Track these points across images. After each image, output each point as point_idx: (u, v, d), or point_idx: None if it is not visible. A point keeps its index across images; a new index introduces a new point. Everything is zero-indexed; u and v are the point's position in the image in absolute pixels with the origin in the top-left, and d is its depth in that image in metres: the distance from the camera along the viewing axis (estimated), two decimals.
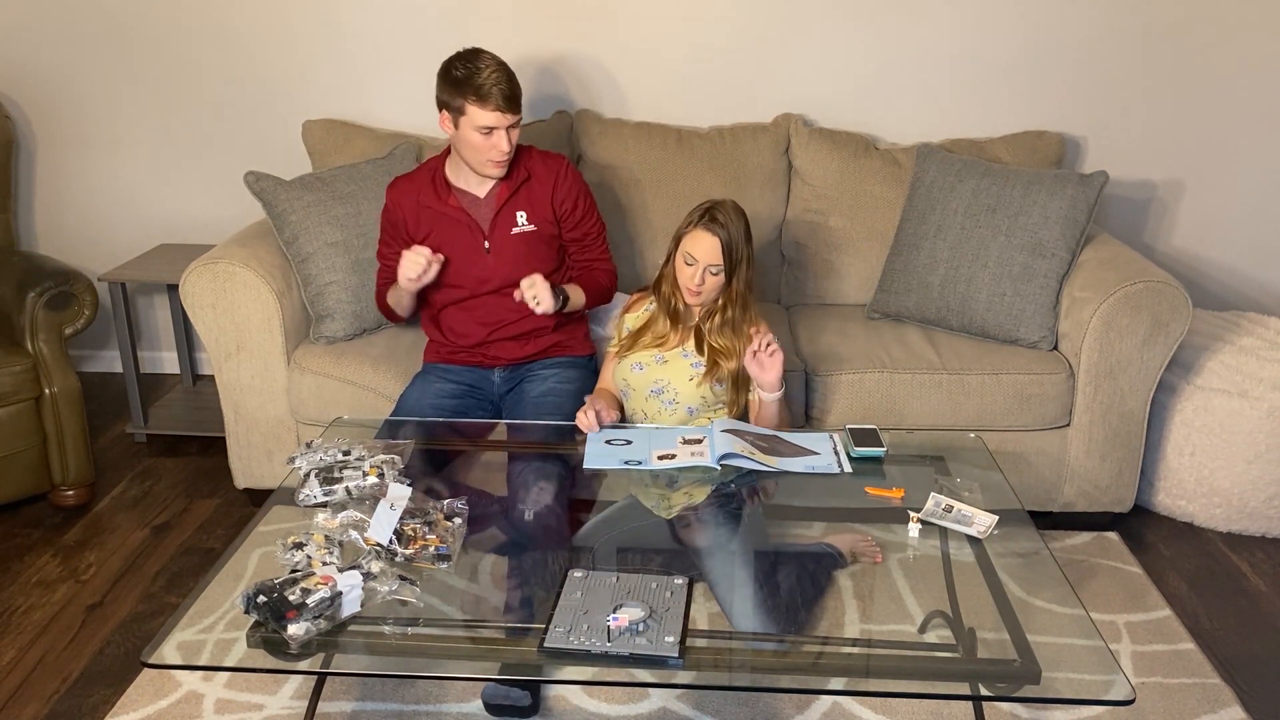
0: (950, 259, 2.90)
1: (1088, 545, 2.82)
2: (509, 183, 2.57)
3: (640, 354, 2.50)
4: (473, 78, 2.39)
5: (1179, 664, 2.35)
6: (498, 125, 2.42)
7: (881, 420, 2.73)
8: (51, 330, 2.89)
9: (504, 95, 2.40)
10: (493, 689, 2.15)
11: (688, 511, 2.23)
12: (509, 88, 2.41)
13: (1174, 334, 2.69)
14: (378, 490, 2.04)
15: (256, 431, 2.86)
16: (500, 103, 2.39)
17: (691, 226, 2.41)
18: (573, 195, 2.64)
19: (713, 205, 2.41)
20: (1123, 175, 3.39)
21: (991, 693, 1.79)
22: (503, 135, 2.44)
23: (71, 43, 3.47)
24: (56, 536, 2.87)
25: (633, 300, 2.62)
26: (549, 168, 2.63)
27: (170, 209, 3.64)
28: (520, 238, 2.59)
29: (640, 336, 2.52)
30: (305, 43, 3.42)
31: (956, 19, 3.28)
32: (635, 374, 2.49)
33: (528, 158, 2.62)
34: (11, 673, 2.34)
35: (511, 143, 2.46)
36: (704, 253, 2.38)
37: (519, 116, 2.46)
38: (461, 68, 2.41)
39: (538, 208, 2.60)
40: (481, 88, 2.38)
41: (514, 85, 2.43)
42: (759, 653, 1.88)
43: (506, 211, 2.57)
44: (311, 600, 1.71)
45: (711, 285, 2.41)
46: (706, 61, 3.37)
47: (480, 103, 2.39)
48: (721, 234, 2.37)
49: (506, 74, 2.42)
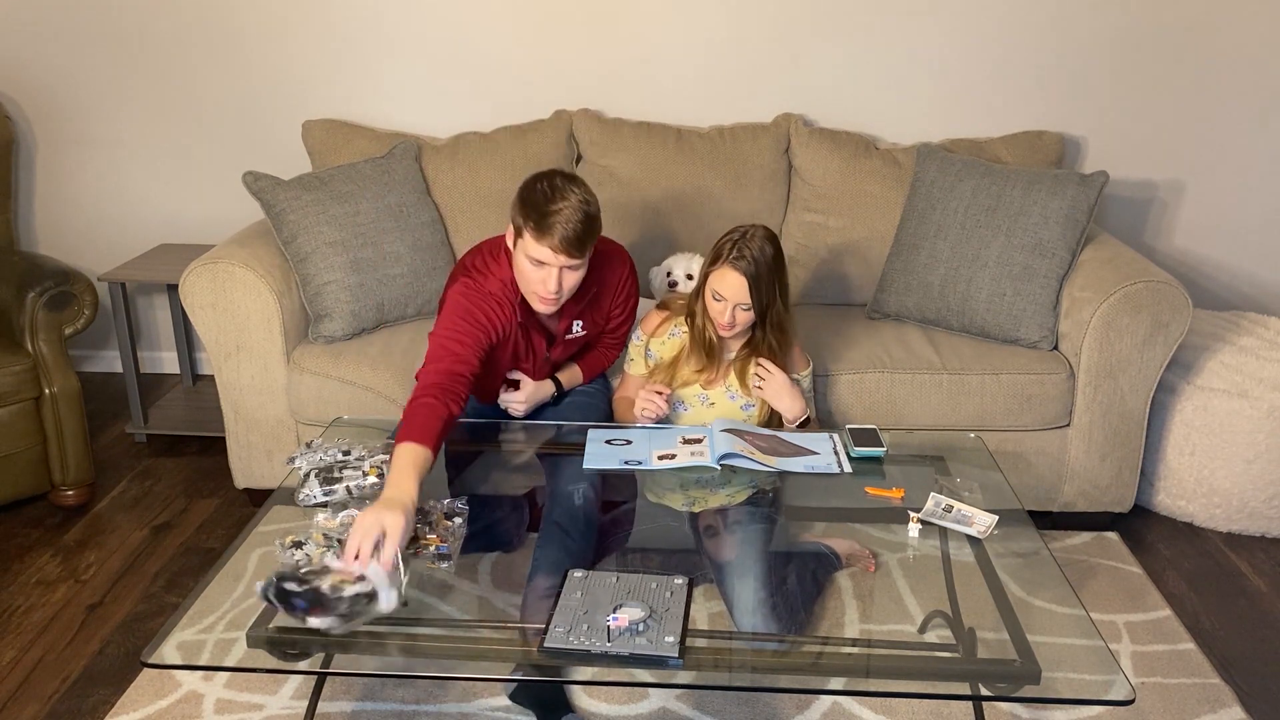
0: (950, 259, 2.90)
1: (1088, 545, 2.82)
2: (578, 298, 2.40)
3: (683, 392, 2.48)
4: (544, 205, 2.17)
5: (1179, 664, 2.35)
6: (550, 263, 2.21)
7: (881, 420, 2.73)
8: (51, 330, 2.89)
9: (565, 237, 2.16)
10: (537, 686, 2.14)
11: (710, 513, 2.23)
12: (578, 231, 2.17)
13: (1174, 334, 2.69)
14: (378, 490, 2.03)
15: (256, 431, 2.86)
16: (558, 242, 2.17)
17: (719, 263, 2.33)
18: (626, 304, 2.54)
19: (741, 237, 2.32)
20: (1123, 175, 3.39)
21: (991, 693, 1.79)
22: (553, 274, 2.22)
23: (71, 43, 3.47)
24: (56, 536, 2.87)
25: (655, 324, 2.54)
26: (614, 277, 2.49)
27: (170, 209, 3.64)
28: (575, 341, 2.53)
29: (676, 368, 2.48)
30: (305, 43, 3.42)
31: (957, 19, 3.28)
32: (682, 414, 2.49)
33: (595, 266, 2.39)
34: (11, 673, 2.34)
35: (562, 285, 2.24)
36: (731, 291, 2.32)
37: (579, 261, 2.23)
38: (541, 190, 2.20)
39: (596, 317, 2.52)
40: (546, 218, 2.17)
41: (588, 230, 2.20)
42: (759, 653, 1.88)
43: (568, 321, 2.48)
44: (347, 593, 1.68)
45: (744, 320, 2.37)
46: (706, 61, 3.37)
47: (539, 234, 2.18)
48: (749, 270, 2.29)
49: (584, 215, 2.18)
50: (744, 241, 2.32)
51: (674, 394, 2.48)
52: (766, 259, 2.31)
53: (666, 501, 2.26)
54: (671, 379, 2.48)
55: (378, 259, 2.88)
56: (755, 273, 2.30)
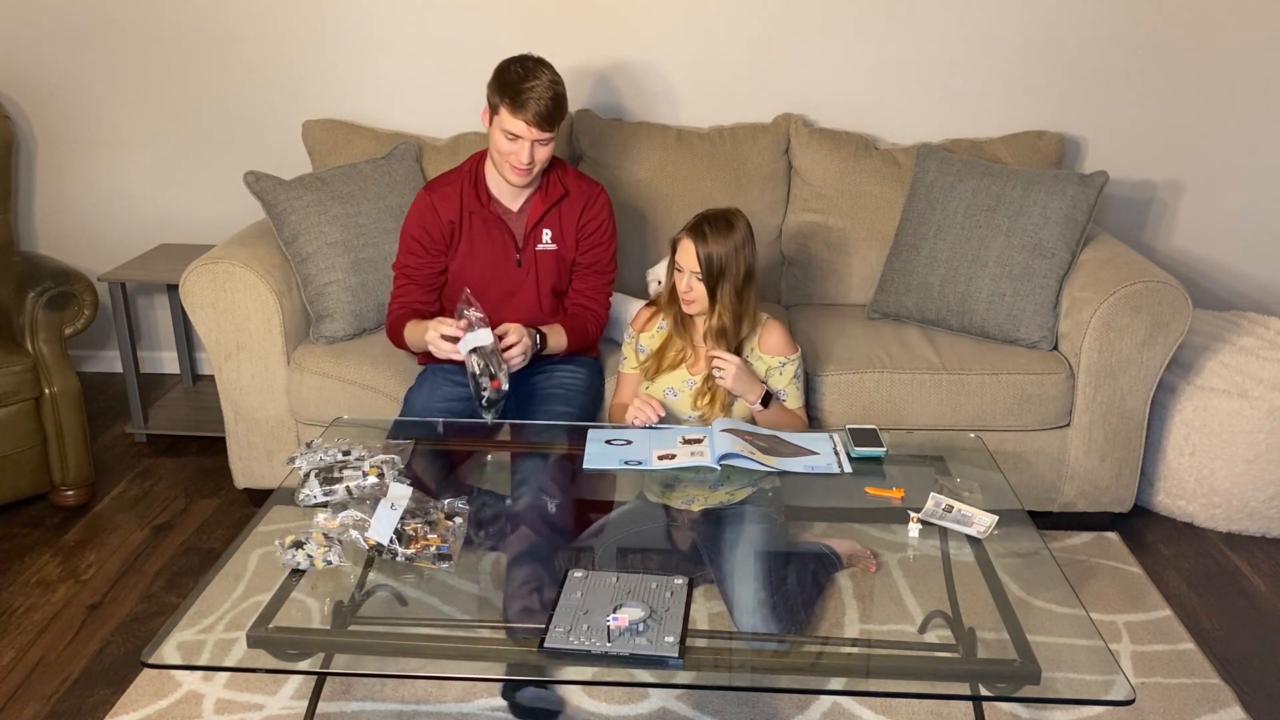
0: (950, 259, 2.90)
1: (1088, 545, 2.82)
2: (544, 198, 2.59)
3: (670, 377, 2.52)
4: (518, 84, 2.38)
5: (1179, 664, 2.35)
6: (523, 136, 2.41)
7: (881, 420, 2.73)
8: (51, 330, 2.89)
9: (538, 112, 2.38)
10: (532, 693, 2.14)
11: (704, 511, 2.24)
12: (549, 107, 2.39)
13: (1174, 334, 2.69)
14: (378, 490, 2.04)
15: (256, 431, 2.86)
16: (531, 116, 2.38)
17: (679, 234, 2.44)
18: (598, 219, 2.65)
19: (705, 213, 2.44)
20: (1123, 175, 3.39)
21: (991, 693, 1.79)
22: (525, 147, 2.42)
23: (71, 43, 3.47)
24: (56, 536, 2.87)
25: (644, 320, 2.61)
26: (583, 190, 2.64)
27: (170, 209, 3.64)
28: (545, 254, 2.62)
29: (662, 357, 2.54)
30: (306, 43, 3.41)
31: (956, 19, 3.28)
32: (672, 400, 2.51)
33: (565, 176, 2.63)
34: (11, 673, 2.34)
35: (534, 158, 2.45)
36: (686, 260, 2.42)
37: (549, 135, 2.44)
38: (515, 71, 2.41)
39: (565, 228, 2.62)
40: (520, 94, 2.37)
41: (556, 106, 2.41)
42: (759, 653, 1.88)
43: (537, 227, 2.60)
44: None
45: (699, 292, 2.43)
46: (706, 61, 3.37)
47: (513, 109, 2.38)
48: (698, 239, 2.39)
49: (554, 94, 2.40)
50: (705, 216, 2.43)
51: (659, 384, 2.52)
52: (720, 232, 2.39)
53: (652, 496, 2.27)
54: (659, 366, 2.52)
55: (379, 259, 2.88)
56: (705, 241, 2.38)
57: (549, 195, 2.60)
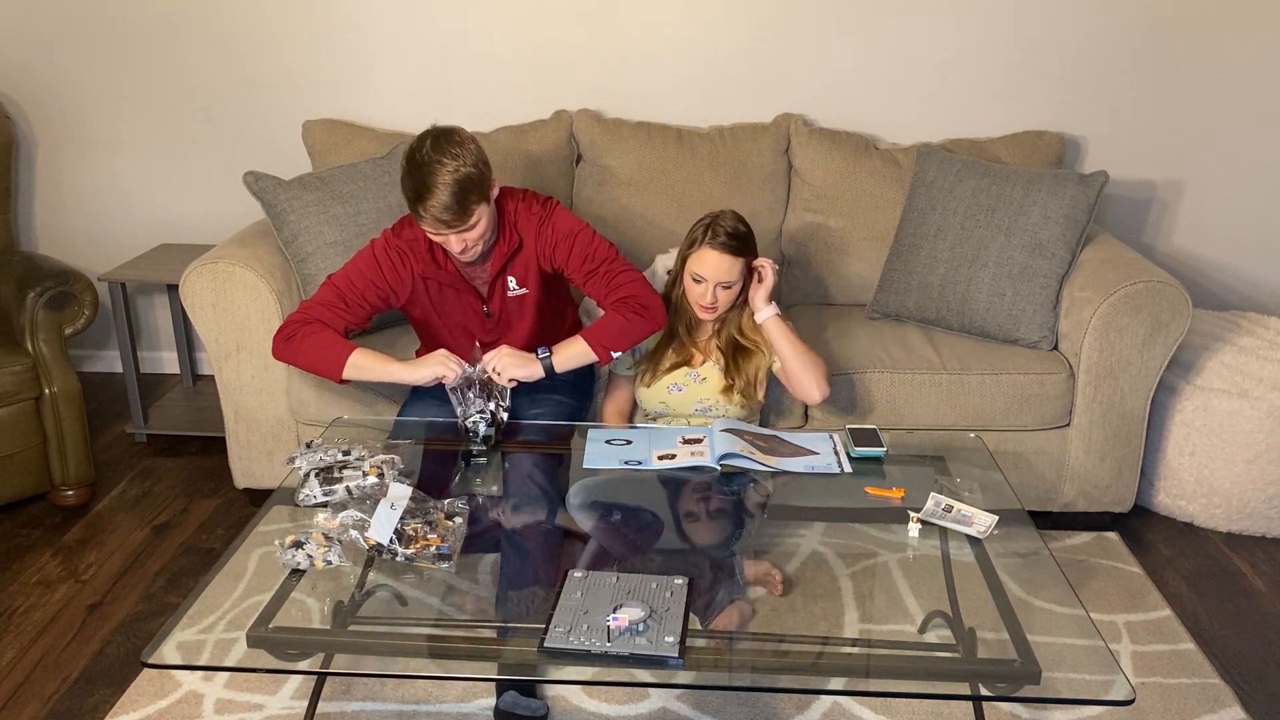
0: (950, 259, 2.90)
1: (1088, 545, 2.82)
2: (503, 249, 2.41)
3: (672, 375, 2.52)
4: (417, 188, 2.21)
5: (1179, 664, 2.35)
6: (443, 233, 2.26)
7: (881, 420, 2.73)
8: (51, 330, 2.89)
9: (439, 219, 2.21)
10: (511, 698, 2.13)
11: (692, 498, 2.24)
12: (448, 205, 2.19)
13: (1174, 334, 2.69)
14: (378, 490, 2.04)
15: (256, 431, 2.86)
16: (434, 223, 2.23)
17: (696, 246, 2.44)
18: (552, 244, 2.42)
19: (713, 220, 2.44)
20: (1123, 175, 3.39)
21: (991, 693, 1.79)
22: (450, 240, 2.27)
23: (71, 43, 3.47)
24: (56, 536, 2.87)
25: None
26: (531, 223, 2.42)
27: (170, 209, 3.64)
28: (514, 300, 2.47)
29: (659, 359, 2.54)
30: (305, 43, 3.42)
31: (956, 19, 3.28)
32: (675, 395, 2.52)
33: (518, 217, 2.42)
34: (11, 673, 2.34)
35: (467, 243, 2.29)
36: (711, 271, 2.42)
37: (468, 224, 2.25)
38: (410, 180, 2.22)
39: (528, 271, 2.45)
40: (417, 204, 2.22)
41: (459, 200, 2.20)
42: (759, 653, 1.88)
43: (501, 277, 2.45)
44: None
45: (725, 299, 2.46)
46: (706, 61, 3.37)
47: (418, 218, 2.26)
48: (730, 246, 2.41)
49: (454, 189, 2.18)
50: (717, 223, 2.44)
51: (661, 383, 2.53)
52: (741, 237, 2.44)
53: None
54: (656, 369, 2.53)
55: None
56: (735, 249, 2.42)
57: (508, 244, 2.41)
